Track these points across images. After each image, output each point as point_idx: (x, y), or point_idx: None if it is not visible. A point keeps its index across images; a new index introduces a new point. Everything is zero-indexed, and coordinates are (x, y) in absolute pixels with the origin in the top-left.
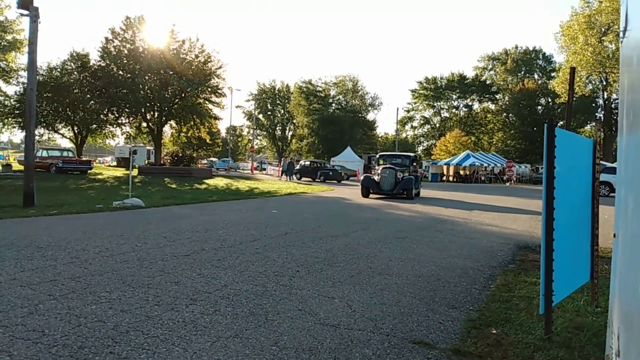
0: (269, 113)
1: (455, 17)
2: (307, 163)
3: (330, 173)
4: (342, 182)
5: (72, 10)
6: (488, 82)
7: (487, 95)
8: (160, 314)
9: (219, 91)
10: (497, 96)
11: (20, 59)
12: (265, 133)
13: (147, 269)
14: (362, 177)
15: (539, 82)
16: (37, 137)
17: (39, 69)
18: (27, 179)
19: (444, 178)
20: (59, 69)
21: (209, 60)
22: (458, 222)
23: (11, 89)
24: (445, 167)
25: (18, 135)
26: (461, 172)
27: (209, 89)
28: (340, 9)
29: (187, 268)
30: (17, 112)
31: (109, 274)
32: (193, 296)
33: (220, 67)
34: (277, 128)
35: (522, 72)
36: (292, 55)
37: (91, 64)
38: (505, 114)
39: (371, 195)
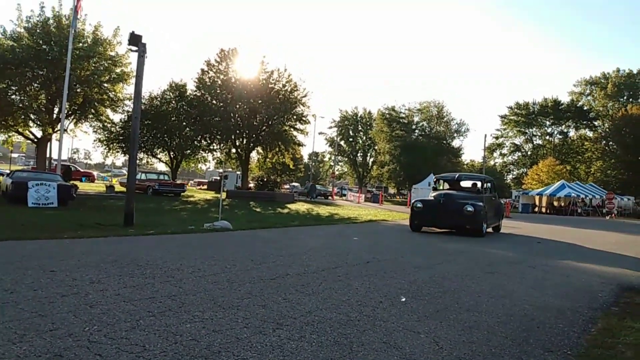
0: (351, 140)
1: (547, 41)
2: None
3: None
4: None
5: (170, 43)
6: (585, 108)
7: (584, 122)
8: (249, 336)
9: (304, 118)
10: (596, 123)
11: (126, 89)
12: (346, 159)
13: (236, 290)
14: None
15: None
16: (137, 161)
17: (142, 99)
18: (128, 200)
19: (536, 209)
20: (159, 99)
21: (296, 89)
22: (553, 258)
23: (116, 117)
24: (537, 198)
25: (120, 159)
26: (555, 204)
27: (294, 117)
28: (425, 34)
29: (273, 292)
30: (121, 137)
31: (202, 294)
32: (279, 321)
33: (305, 96)
34: (359, 154)
35: (625, 97)
36: (376, 83)
37: (188, 93)
38: (605, 142)
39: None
